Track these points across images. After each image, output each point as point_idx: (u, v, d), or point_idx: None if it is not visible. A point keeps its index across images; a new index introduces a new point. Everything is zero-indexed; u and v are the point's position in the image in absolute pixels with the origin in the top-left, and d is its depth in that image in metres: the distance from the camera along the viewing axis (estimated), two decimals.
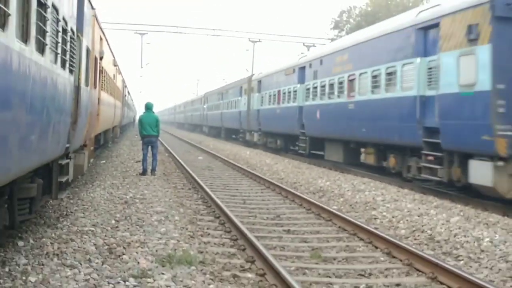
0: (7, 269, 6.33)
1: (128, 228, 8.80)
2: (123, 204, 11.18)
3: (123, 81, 38.16)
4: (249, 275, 6.90)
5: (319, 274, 7.24)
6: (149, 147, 17.58)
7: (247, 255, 7.80)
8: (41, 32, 6.57)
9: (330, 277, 7.11)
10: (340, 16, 60.34)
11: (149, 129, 17.45)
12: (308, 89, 25.16)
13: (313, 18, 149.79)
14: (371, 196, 13.39)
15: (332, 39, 45.14)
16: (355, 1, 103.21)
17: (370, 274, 7.25)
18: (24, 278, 5.99)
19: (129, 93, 54.22)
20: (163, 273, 6.26)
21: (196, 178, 15.84)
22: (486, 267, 7.50)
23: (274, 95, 29.22)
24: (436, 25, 14.52)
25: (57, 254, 7.06)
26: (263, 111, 32.30)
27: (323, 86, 23.36)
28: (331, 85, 22.49)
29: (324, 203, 12.27)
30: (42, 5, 6.55)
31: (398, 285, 6.78)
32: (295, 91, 26.45)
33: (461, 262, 7.83)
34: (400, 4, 51.27)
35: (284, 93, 27.68)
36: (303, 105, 25.64)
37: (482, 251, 8.19)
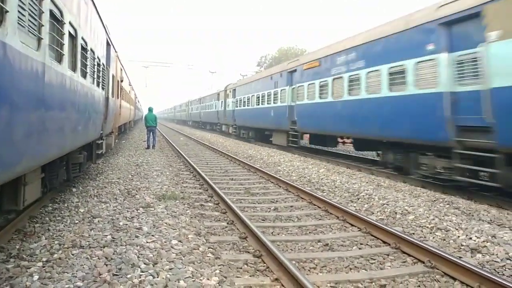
0: (66, 205, 6.12)
1: (139, 180, 8.60)
2: (136, 166, 10.87)
3: (135, 94, 36.79)
4: (210, 204, 6.92)
5: (249, 202, 7.33)
6: (151, 133, 17.13)
7: (208, 193, 7.79)
8: (84, 65, 6.31)
9: (255, 203, 7.22)
10: (260, 59, 61.27)
11: (150, 122, 16.96)
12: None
13: (245, 58, 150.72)
14: (277, 159, 13.58)
15: (256, 72, 44.97)
16: (269, 50, 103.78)
17: (276, 201, 7.41)
18: (76, 209, 5.81)
19: (138, 101, 52.08)
20: (159, 205, 6.20)
21: (179, 150, 15.60)
22: (338, 196, 7.81)
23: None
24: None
25: (96, 195, 6.86)
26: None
27: None
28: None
29: (252, 163, 12.37)
30: (84, 49, 6.29)
31: (291, 206, 6.97)
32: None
33: (325, 193, 8.12)
34: (294, 53, 51.77)
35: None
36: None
37: (336, 187, 8.49)
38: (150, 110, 17.59)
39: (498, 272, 4.01)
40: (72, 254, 3.90)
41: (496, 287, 3.45)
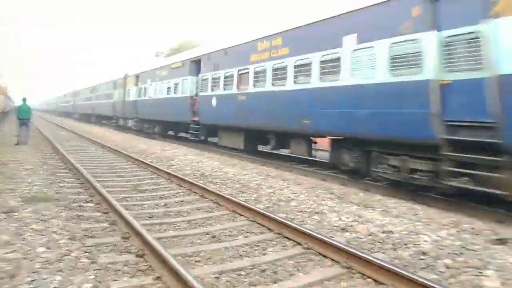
0: None
1: (2, 181, 7.40)
2: (0, 165, 9.35)
3: (5, 84, 31.80)
4: (90, 204, 6.34)
5: (136, 199, 6.95)
6: (24, 126, 15.02)
7: (89, 192, 7.12)
8: None
9: (143, 201, 6.87)
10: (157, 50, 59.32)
11: (24, 114, 15.04)
12: None
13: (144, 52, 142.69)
14: (171, 153, 13.23)
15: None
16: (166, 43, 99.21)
17: (167, 197, 7.18)
18: None
19: (10, 91, 44.99)
20: (26, 208, 5.45)
21: (57, 146, 13.93)
22: (230, 187, 7.93)
23: None
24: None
25: None
26: None
27: None
28: None
29: (143, 158, 11.74)
30: None
31: (182, 201, 6.84)
32: None
33: (217, 185, 8.15)
34: (195, 45, 51.35)
35: None
36: None
37: (228, 179, 8.63)
38: (24, 100, 15.66)
39: (361, 247, 4.58)
40: None
41: (358, 260, 3.94)
